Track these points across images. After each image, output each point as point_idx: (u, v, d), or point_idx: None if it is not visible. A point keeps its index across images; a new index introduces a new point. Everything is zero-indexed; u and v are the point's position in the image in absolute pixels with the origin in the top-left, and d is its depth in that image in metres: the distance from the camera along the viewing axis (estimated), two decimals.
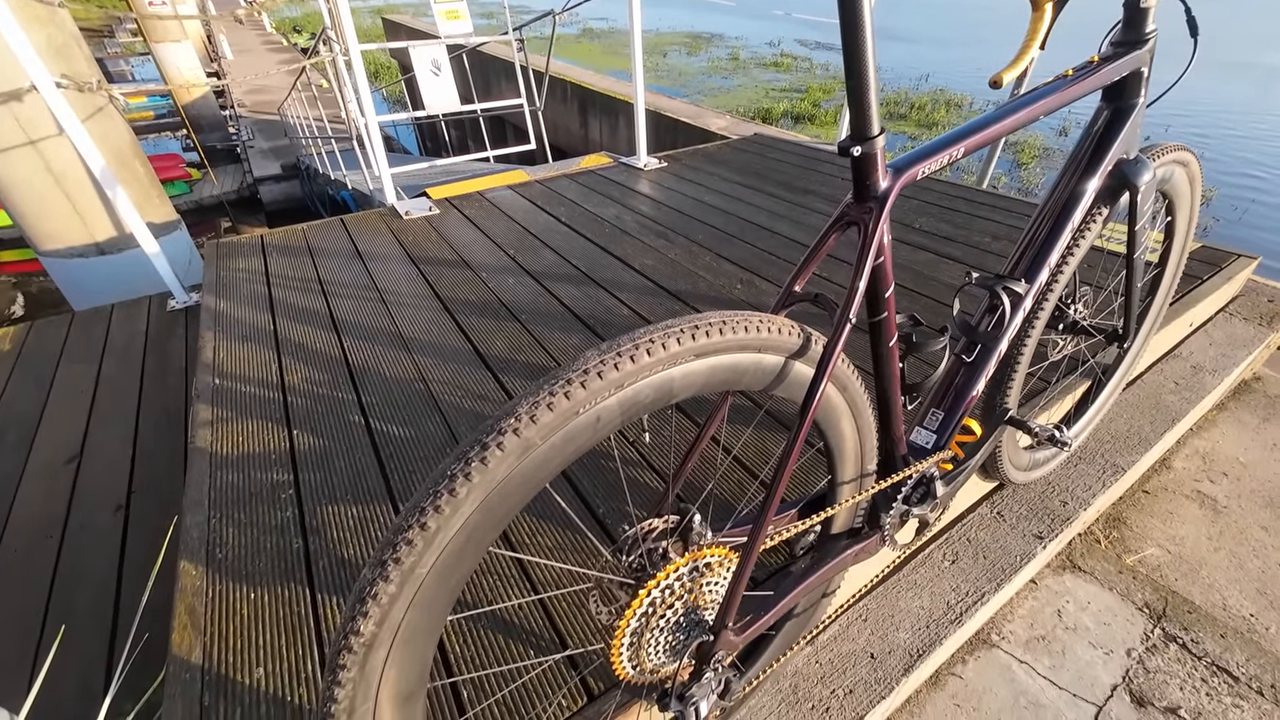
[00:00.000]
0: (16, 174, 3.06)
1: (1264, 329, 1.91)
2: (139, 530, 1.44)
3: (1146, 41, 0.82)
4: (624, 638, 0.62)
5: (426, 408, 1.38)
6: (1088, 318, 1.13)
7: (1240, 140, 9.43)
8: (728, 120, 4.94)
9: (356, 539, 1.05)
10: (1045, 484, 1.35)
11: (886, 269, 0.65)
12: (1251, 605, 1.44)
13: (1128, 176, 0.89)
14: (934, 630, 1.05)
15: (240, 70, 12.32)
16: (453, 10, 3.35)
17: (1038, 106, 0.73)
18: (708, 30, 20.56)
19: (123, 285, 3.27)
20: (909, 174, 0.62)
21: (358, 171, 4.52)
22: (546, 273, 2.00)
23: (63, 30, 3.16)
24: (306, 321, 1.76)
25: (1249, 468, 1.87)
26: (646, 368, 0.50)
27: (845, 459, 0.75)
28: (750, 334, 0.56)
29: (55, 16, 3.12)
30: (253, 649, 0.88)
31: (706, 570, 0.65)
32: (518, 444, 0.45)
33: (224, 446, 1.28)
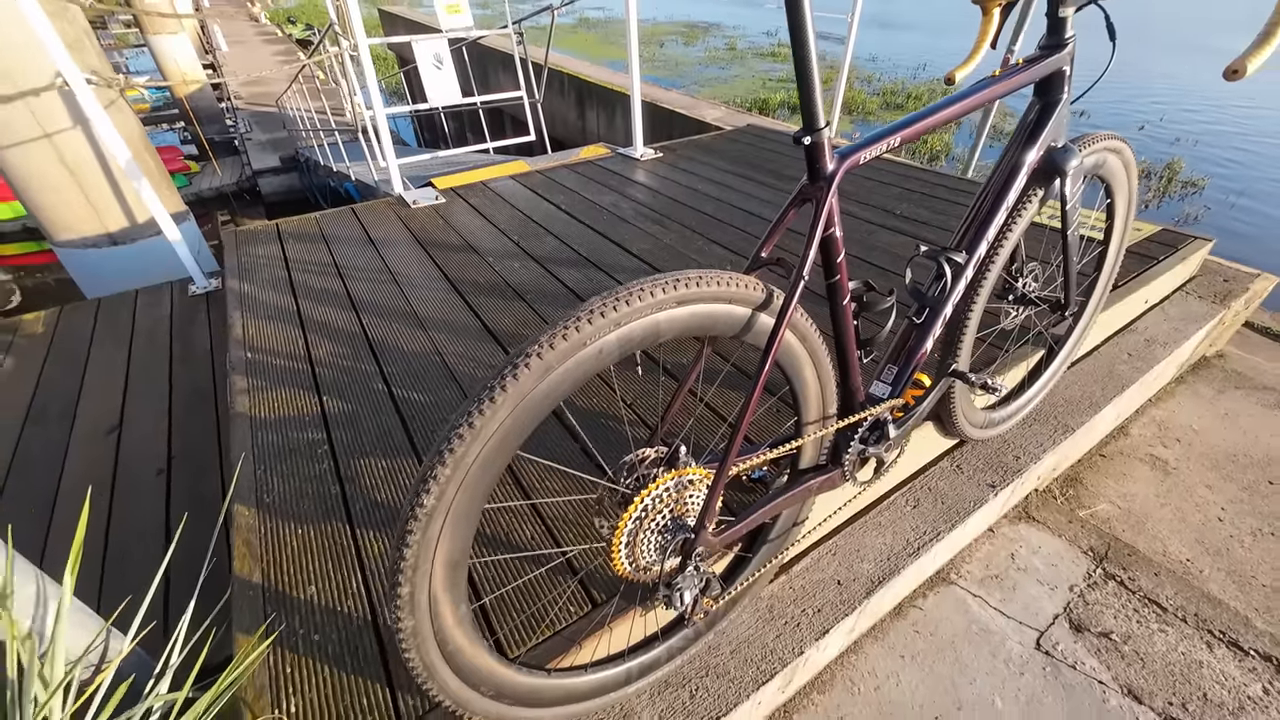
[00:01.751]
0: (32, 166, 3.17)
1: (1217, 306, 2.05)
2: (179, 490, 1.58)
3: (1066, 46, 0.96)
4: (622, 537, 0.76)
5: (443, 377, 1.52)
6: (1036, 290, 1.27)
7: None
8: (722, 111, 5.05)
9: (387, 485, 1.20)
10: (1001, 441, 1.50)
11: (837, 238, 0.79)
12: (1189, 552, 1.60)
13: (1056, 162, 1.03)
14: (894, 561, 1.20)
15: (236, 62, 12.33)
16: (454, 5, 3.45)
17: (969, 101, 0.86)
18: (704, 20, 20.51)
19: (134, 274, 3.40)
20: (852, 159, 0.75)
21: (361, 163, 4.63)
22: (549, 257, 2.13)
23: (75, 26, 3.26)
24: (326, 302, 1.89)
25: (1201, 434, 2.03)
26: (639, 310, 0.64)
27: (809, 402, 0.90)
28: (722, 288, 0.70)
29: (67, 12, 3.22)
30: (303, 572, 1.03)
31: (689, 485, 0.79)
32: (540, 365, 0.59)
33: (261, 410, 1.42)
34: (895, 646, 1.28)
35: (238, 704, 0.84)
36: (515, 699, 0.79)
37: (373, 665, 0.89)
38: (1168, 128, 9.87)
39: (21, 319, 2.35)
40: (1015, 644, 1.28)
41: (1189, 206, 7.09)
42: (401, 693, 0.86)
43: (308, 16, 21.12)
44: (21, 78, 2.89)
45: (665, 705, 0.97)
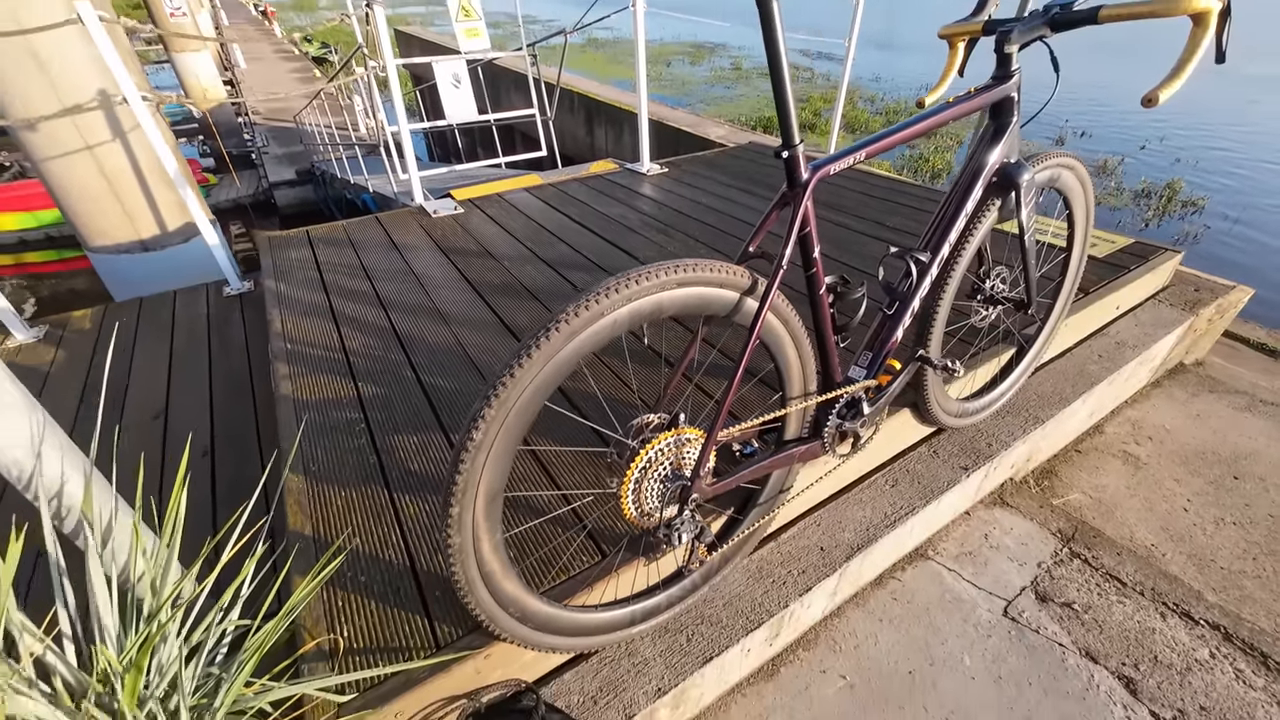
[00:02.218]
0: (74, 176, 3.38)
1: (1186, 313, 2.19)
2: (224, 469, 1.73)
3: (1013, 77, 1.12)
4: (630, 485, 0.90)
5: (465, 366, 1.67)
6: (1004, 291, 1.42)
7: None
8: (726, 129, 5.26)
9: (419, 456, 1.35)
10: (975, 430, 1.63)
11: (812, 234, 0.94)
12: (1154, 538, 1.72)
13: (1010, 176, 1.18)
14: (872, 531, 1.33)
15: (254, 79, 12.73)
16: (473, 29, 3.67)
17: (926, 123, 1.02)
18: (710, 40, 20.96)
19: (162, 279, 3.59)
20: (824, 170, 0.91)
21: (380, 175, 4.84)
22: (560, 262, 2.30)
23: (120, 45, 3.49)
24: (357, 300, 2.06)
25: (1173, 433, 2.16)
26: (646, 289, 0.79)
27: (791, 379, 1.04)
28: (715, 274, 0.85)
29: (114, 32, 3.45)
30: (348, 526, 1.17)
31: (687, 443, 0.94)
32: (567, 329, 0.74)
33: (303, 394, 1.57)
34: (875, 612, 1.40)
35: (298, 630, 0.98)
36: (536, 625, 0.93)
37: (413, 601, 1.03)
38: (1167, 148, 10.05)
39: (70, 315, 2.52)
40: (984, 611, 1.41)
41: (1188, 225, 7.22)
42: (439, 623, 1.00)
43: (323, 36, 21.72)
44: (69, 94, 3.10)
45: (665, 646, 1.10)
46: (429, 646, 0.96)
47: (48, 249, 7.25)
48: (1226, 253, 6.58)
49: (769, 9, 0.77)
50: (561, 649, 0.99)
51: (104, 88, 3.13)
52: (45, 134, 3.19)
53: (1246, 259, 6.45)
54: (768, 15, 0.77)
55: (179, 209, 3.69)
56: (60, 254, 7.22)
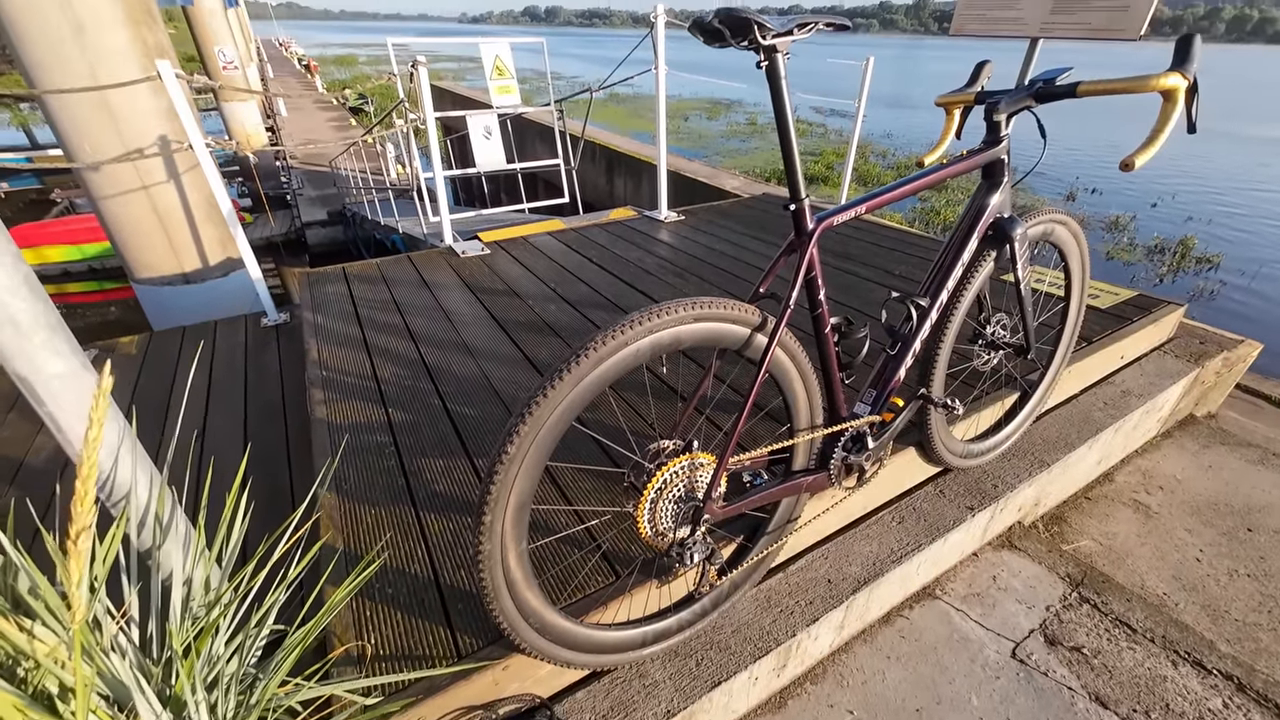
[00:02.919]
0: (130, 214, 3.64)
1: (1191, 364, 2.23)
2: (256, 489, 1.81)
3: (1002, 142, 1.23)
4: (646, 505, 0.97)
5: (490, 396, 1.76)
6: (1003, 337, 1.49)
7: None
8: (740, 180, 5.49)
9: (444, 479, 1.42)
10: (981, 471, 1.67)
11: (818, 279, 1.03)
12: (1166, 586, 1.72)
13: (1004, 230, 1.28)
14: (879, 566, 1.37)
15: (293, 125, 13.53)
16: (506, 86, 3.95)
17: (921, 182, 1.12)
18: (727, 97, 21.93)
19: (200, 311, 3.79)
20: (827, 222, 1.01)
21: (409, 218, 5.10)
22: (581, 301, 2.41)
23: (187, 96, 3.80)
24: (388, 333, 2.18)
25: (1184, 483, 2.16)
26: (665, 323, 0.88)
27: (799, 411, 1.11)
28: (728, 311, 0.94)
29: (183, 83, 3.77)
30: (376, 540, 1.24)
31: (700, 467, 1.01)
32: (595, 357, 0.83)
33: (337, 417, 1.67)
34: (882, 648, 1.42)
35: (329, 636, 1.04)
36: (554, 638, 0.98)
37: (436, 613, 1.09)
38: (1179, 206, 10.20)
39: (118, 341, 2.68)
40: (992, 652, 1.42)
41: (1204, 281, 7.25)
42: (460, 634, 1.05)
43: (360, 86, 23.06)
44: (133, 140, 3.37)
45: (674, 669, 1.14)
46: (450, 655, 1.01)
47: (89, 280, 7.64)
48: (1243, 309, 6.59)
49: (776, 76, 0.88)
50: (577, 664, 1.03)
51: (165, 134, 3.40)
52: (107, 175, 3.46)
53: (1264, 315, 6.45)
54: (775, 82, 0.89)
55: (220, 245, 3.92)
56: (100, 285, 7.60)
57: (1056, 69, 1.19)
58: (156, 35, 3.60)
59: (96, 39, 3.23)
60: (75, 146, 3.39)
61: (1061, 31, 3.16)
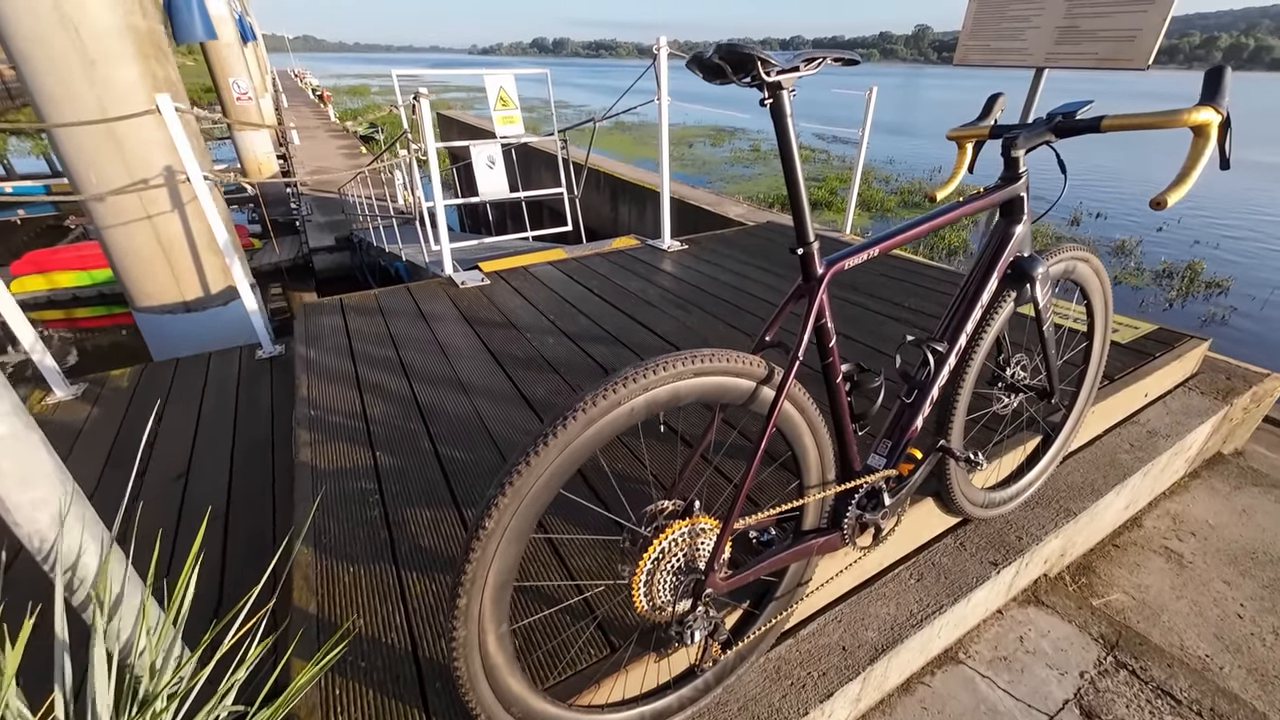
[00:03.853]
0: (133, 243, 3.63)
1: (1219, 402, 2.13)
2: (237, 533, 1.73)
3: (1020, 178, 1.16)
4: (642, 576, 0.88)
5: (482, 438, 1.68)
6: (1025, 379, 1.41)
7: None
8: (744, 208, 5.47)
9: (430, 532, 1.33)
10: (1004, 522, 1.56)
11: (828, 326, 0.96)
12: (1207, 647, 1.59)
13: (1024, 269, 1.20)
14: (897, 631, 1.26)
15: (305, 153, 13.78)
16: (509, 117, 3.96)
17: (936, 221, 1.05)
18: (730, 125, 22.25)
19: (201, 339, 3.76)
20: (838, 265, 0.93)
21: (412, 245, 5.09)
22: (581, 334, 2.35)
23: (190, 128, 3.83)
24: (381, 368, 2.11)
25: (1217, 529, 2.04)
26: (662, 379, 0.80)
27: (809, 467, 1.03)
28: (731, 364, 0.86)
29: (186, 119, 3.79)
30: (353, 606, 1.15)
31: (702, 533, 0.92)
32: (585, 418, 0.75)
33: (321, 461, 1.59)
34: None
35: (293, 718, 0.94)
36: None
37: (412, 691, 0.99)
38: (1185, 231, 10.14)
39: (110, 374, 2.62)
40: None
41: (1214, 307, 7.16)
42: (435, 718, 0.95)
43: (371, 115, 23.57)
44: (139, 171, 3.38)
45: None
46: None
47: (98, 305, 7.69)
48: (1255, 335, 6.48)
49: (782, 114, 0.82)
50: None
51: (170, 165, 3.41)
52: (111, 205, 3.45)
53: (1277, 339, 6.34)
54: (780, 120, 0.83)
55: (222, 273, 3.90)
56: (110, 310, 7.64)
57: (1077, 102, 1.12)
58: (167, 70, 3.64)
59: (106, 73, 3.25)
60: (81, 177, 3.40)
61: (1067, 61, 3.14)
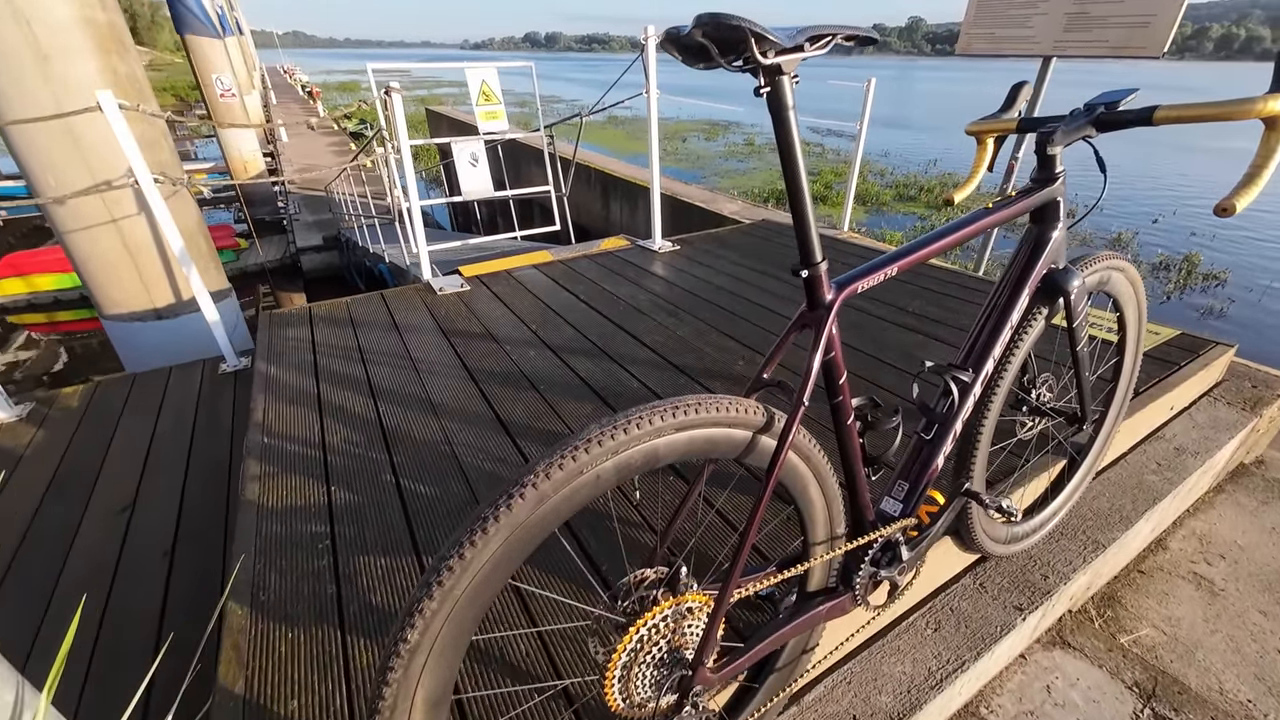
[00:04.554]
0: (97, 248, 3.44)
1: (1247, 413, 1.99)
2: (182, 574, 1.57)
3: (1057, 179, 1.00)
4: (616, 669, 0.72)
5: (451, 469, 1.52)
6: (1050, 401, 1.26)
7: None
8: (739, 205, 5.30)
9: (384, 586, 1.17)
10: (1027, 558, 1.42)
11: (837, 361, 0.80)
12: (1249, 691, 1.45)
13: (1059, 283, 1.05)
14: (915, 695, 1.11)
15: (293, 151, 13.52)
16: (492, 112, 3.79)
17: (962, 233, 0.90)
18: (724, 119, 22.04)
19: (173, 347, 3.57)
20: (849, 289, 0.78)
21: (396, 246, 4.91)
22: (565, 346, 2.19)
23: (155, 128, 3.63)
24: (347, 387, 1.95)
25: (1247, 550, 1.90)
26: (637, 438, 0.65)
27: (815, 522, 0.87)
28: (722, 413, 0.71)
29: (150, 119, 3.60)
30: (288, 684, 0.99)
31: (688, 614, 0.76)
32: (535, 495, 0.59)
33: (269, 499, 1.43)
34: None
35: None
36: None
37: None
38: (1181, 222, 10.05)
39: (59, 393, 2.45)
40: None
41: (1212, 299, 7.07)
42: None
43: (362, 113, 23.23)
44: (101, 171, 3.19)
45: None
46: None
47: (81, 308, 7.47)
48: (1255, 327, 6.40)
49: (781, 104, 0.66)
50: None
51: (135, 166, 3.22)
52: (72, 208, 3.26)
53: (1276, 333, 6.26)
54: (780, 111, 0.66)
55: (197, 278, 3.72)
56: (93, 313, 7.43)
57: (1119, 91, 0.97)
58: (129, 65, 3.44)
59: (63, 69, 3.06)
60: (39, 180, 3.21)
61: (1076, 50, 2.98)
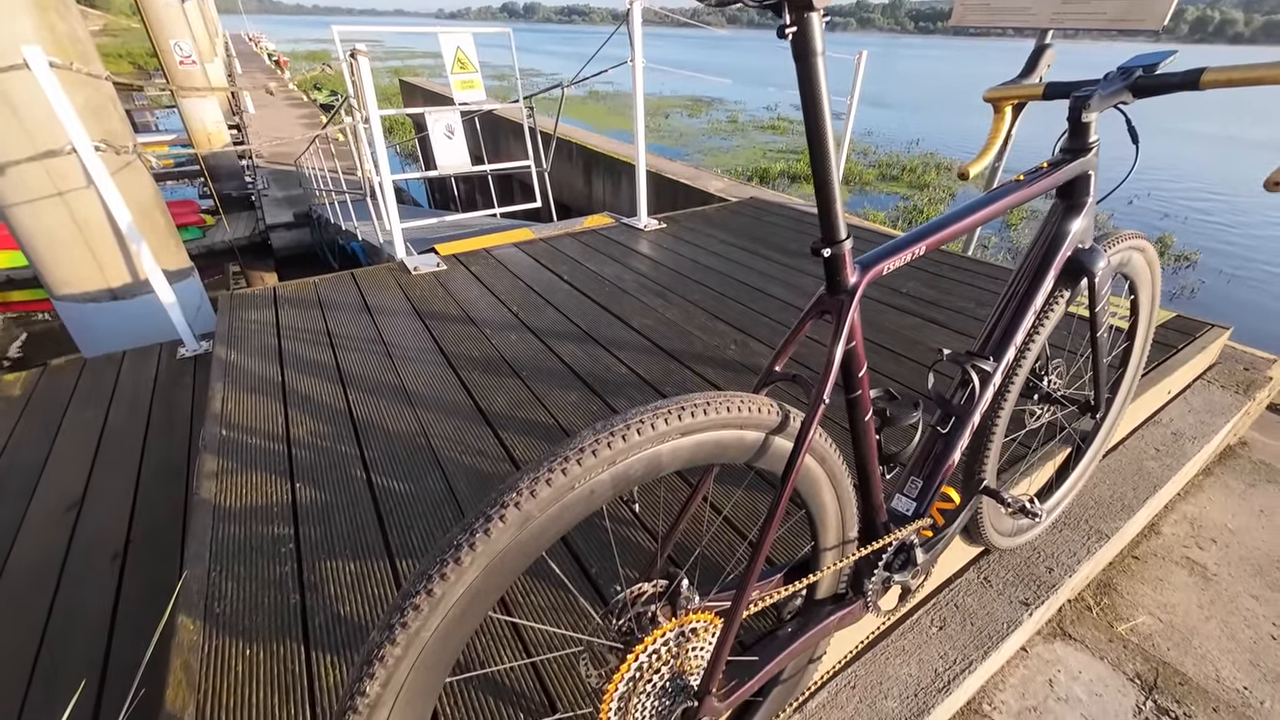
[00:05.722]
0: (42, 223, 3.20)
1: (1241, 396, 1.97)
2: (134, 579, 1.45)
3: (1090, 150, 0.92)
4: (612, 702, 0.64)
5: (427, 463, 1.42)
6: (1061, 388, 1.19)
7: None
8: (725, 182, 5.17)
9: (353, 594, 1.07)
10: (1031, 550, 1.37)
11: (859, 352, 0.71)
12: (1245, 678, 1.44)
13: (1084, 264, 0.97)
14: (922, 699, 1.06)
15: (261, 123, 12.93)
16: (469, 81, 3.58)
17: (993, 208, 0.81)
18: (708, 95, 21.66)
19: (132, 330, 3.36)
20: (875, 270, 0.69)
21: (369, 223, 4.70)
22: (548, 330, 2.08)
23: (100, 93, 3.36)
24: (314, 374, 1.82)
25: (1237, 534, 1.89)
26: (637, 445, 0.55)
27: (827, 526, 0.79)
28: (732, 413, 0.62)
29: (95, 81, 3.33)
30: (245, 708, 0.89)
31: (692, 635, 0.68)
32: (518, 516, 0.50)
33: (227, 498, 1.31)
34: None
35: None
36: None
37: None
38: (1155, 204, 10.20)
39: (1, 379, 2.27)
40: None
41: (1183, 279, 7.22)
42: None
43: (332, 84, 22.34)
44: (43, 139, 2.95)
45: None
46: None
47: (36, 287, 7.08)
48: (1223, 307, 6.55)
49: (809, 50, 0.55)
50: None
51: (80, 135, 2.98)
52: (12, 179, 3.02)
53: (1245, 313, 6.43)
54: (807, 59, 0.56)
55: (153, 256, 3.50)
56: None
57: (1155, 54, 0.88)
58: (70, 24, 3.17)
59: None
60: None
61: (1074, 22, 2.90)
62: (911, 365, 1.81)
